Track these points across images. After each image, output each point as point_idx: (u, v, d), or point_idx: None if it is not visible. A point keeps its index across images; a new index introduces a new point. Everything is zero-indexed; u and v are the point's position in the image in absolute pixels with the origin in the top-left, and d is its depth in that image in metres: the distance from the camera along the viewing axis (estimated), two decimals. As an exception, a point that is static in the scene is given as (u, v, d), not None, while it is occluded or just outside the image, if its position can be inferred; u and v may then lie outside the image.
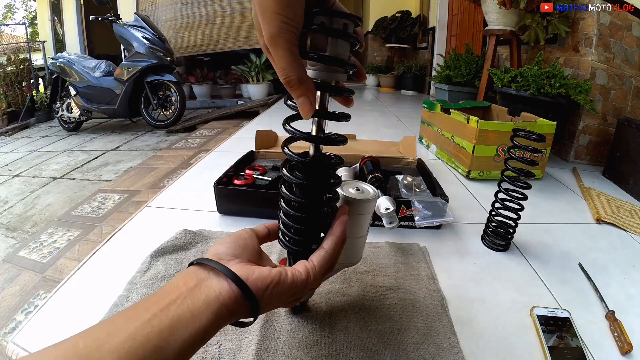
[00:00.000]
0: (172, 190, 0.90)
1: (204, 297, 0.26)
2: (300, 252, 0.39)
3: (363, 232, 0.40)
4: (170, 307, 0.25)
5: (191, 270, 0.29)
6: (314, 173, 0.35)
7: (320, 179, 0.35)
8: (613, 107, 1.27)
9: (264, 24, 0.27)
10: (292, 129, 0.33)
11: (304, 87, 0.28)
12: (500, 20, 1.57)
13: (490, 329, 0.46)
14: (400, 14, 4.33)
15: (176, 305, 0.25)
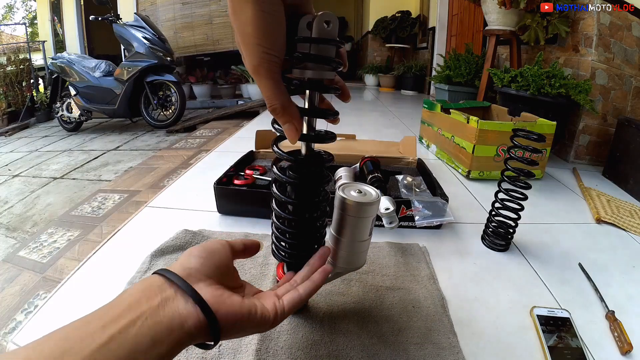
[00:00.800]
0: (172, 190, 0.90)
1: (168, 321, 0.24)
2: (294, 263, 0.39)
3: (365, 236, 0.40)
4: (129, 328, 0.23)
5: (155, 283, 0.27)
6: (307, 170, 0.35)
7: (313, 176, 0.35)
8: (613, 107, 1.27)
9: (246, 55, 0.27)
10: (280, 128, 0.33)
11: (289, 114, 0.29)
12: (500, 20, 1.57)
13: (490, 329, 0.46)
14: (400, 14, 4.33)
15: (136, 327, 0.23)
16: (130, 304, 0.25)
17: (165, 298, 0.26)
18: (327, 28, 0.29)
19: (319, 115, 0.33)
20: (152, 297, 0.25)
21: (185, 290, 0.26)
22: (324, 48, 0.30)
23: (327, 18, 0.28)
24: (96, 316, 0.24)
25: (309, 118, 0.33)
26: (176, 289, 0.26)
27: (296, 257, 0.39)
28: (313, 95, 0.33)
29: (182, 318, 0.25)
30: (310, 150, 0.35)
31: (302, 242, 0.39)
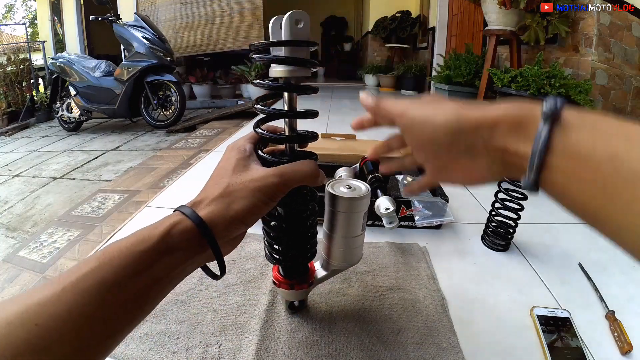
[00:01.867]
0: (172, 190, 0.90)
1: (157, 224, 0.26)
2: (288, 265, 0.39)
3: (358, 231, 0.40)
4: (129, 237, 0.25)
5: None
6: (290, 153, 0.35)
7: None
8: (613, 107, 1.27)
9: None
10: (263, 131, 0.33)
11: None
12: (500, 20, 1.57)
13: (490, 329, 0.46)
14: (400, 14, 4.33)
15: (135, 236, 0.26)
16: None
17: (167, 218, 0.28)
18: (298, 27, 0.28)
19: (299, 116, 0.33)
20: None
21: (185, 213, 0.27)
22: (296, 49, 0.30)
23: (297, 17, 0.28)
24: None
25: (289, 120, 0.33)
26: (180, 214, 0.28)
27: (289, 260, 0.40)
28: (292, 97, 0.32)
29: (171, 221, 0.26)
30: (293, 151, 0.34)
31: (292, 245, 0.39)
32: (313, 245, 0.41)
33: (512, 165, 0.24)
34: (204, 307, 0.47)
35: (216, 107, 4.08)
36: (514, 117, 0.23)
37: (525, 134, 0.23)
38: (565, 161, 0.21)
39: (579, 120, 0.21)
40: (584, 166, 0.20)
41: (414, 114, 0.28)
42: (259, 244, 0.63)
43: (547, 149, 0.21)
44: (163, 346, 0.41)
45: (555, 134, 0.21)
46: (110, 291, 0.22)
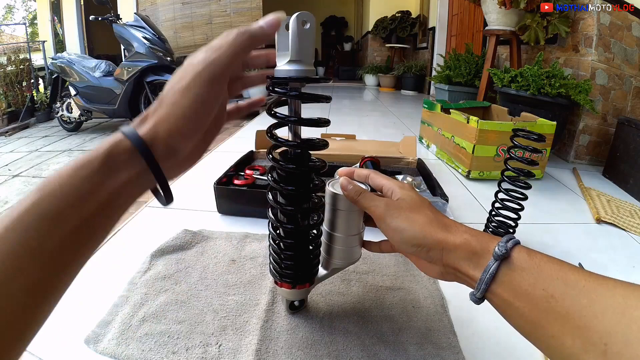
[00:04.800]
0: (172, 190, 0.90)
1: (101, 146, 0.24)
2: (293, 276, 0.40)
3: (356, 230, 0.40)
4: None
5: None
6: (300, 176, 0.36)
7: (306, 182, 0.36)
8: (613, 107, 1.27)
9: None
10: (275, 136, 0.35)
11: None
12: (500, 20, 1.57)
13: (490, 329, 0.46)
14: (400, 14, 4.33)
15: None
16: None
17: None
18: (305, 28, 0.29)
19: (307, 124, 0.33)
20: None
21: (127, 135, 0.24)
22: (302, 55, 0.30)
23: (304, 18, 0.29)
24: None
25: (294, 127, 0.34)
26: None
27: (294, 269, 0.40)
28: (297, 105, 0.33)
29: (111, 142, 0.24)
30: (302, 157, 0.35)
31: (299, 258, 0.39)
32: (317, 256, 0.42)
33: (462, 280, 0.30)
34: (204, 307, 0.47)
35: (216, 107, 4.08)
36: (471, 248, 0.29)
37: (477, 263, 0.28)
38: (506, 292, 0.26)
39: (526, 263, 0.26)
40: (522, 299, 0.25)
41: (390, 223, 0.33)
42: (259, 244, 0.63)
43: (493, 280, 0.27)
44: (163, 346, 0.41)
45: (501, 271, 0.27)
46: (54, 223, 0.21)
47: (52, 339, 0.42)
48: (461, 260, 0.29)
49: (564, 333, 0.22)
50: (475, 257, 0.28)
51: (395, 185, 0.36)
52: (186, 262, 0.56)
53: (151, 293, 0.49)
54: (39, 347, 0.41)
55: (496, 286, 0.27)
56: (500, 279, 0.26)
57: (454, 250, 0.30)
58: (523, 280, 0.25)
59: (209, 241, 0.63)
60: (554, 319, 0.23)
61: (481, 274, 0.27)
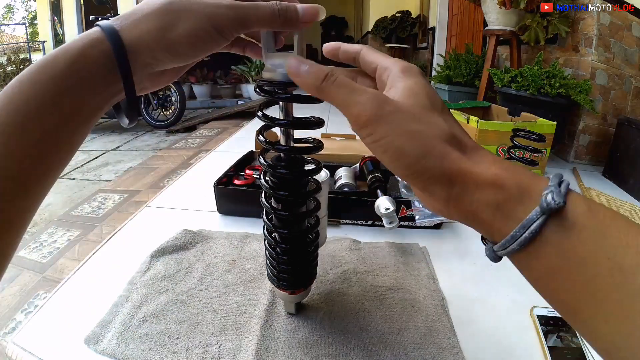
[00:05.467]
0: (172, 190, 0.90)
1: (73, 43, 0.21)
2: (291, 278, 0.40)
3: (323, 213, 0.40)
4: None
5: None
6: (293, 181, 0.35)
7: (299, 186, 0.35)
8: (613, 107, 1.27)
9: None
10: (264, 139, 0.33)
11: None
12: (500, 20, 1.57)
13: (490, 329, 0.46)
14: (400, 14, 4.34)
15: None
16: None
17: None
18: None
19: (300, 126, 0.30)
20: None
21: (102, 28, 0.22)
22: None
23: None
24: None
25: (286, 130, 0.31)
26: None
27: (291, 265, 0.40)
28: (289, 107, 0.31)
29: (86, 41, 0.21)
30: (293, 160, 0.34)
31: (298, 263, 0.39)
32: (313, 241, 0.41)
33: (477, 226, 0.21)
34: (204, 307, 0.47)
35: (216, 107, 4.08)
36: (504, 189, 0.19)
37: (508, 213, 0.19)
38: (551, 257, 0.18)
39: (586, 220, 0.18)
40: (575, 269, 0.18)
41: (379, 137, 0.20)
42: (259, 243, 0.63)
43: (532, 240, 0.18)
44: (163, 346, 0.41)
45: (549, 227, 0.18)
46: (13, 137, 0.19)
47: (52, 339, 0.42)
48: (485, 205, 0.20)
49: (628, 319, 0.17)
50: (508, 205, 0.19)
51: (394, 66, 0.23)
52: (186, 262, 0.56)
53: (151, 293, 0.49)
54: (39, 347, 0.41)
55: (536, 248, 0.19)
56: (544, 238, 0.18)
57: (476, 189, 0.20)
58: (580, 243, 0.18)
59: (209, 241, 0.63)
60: (618, 299, 0.17)
61: (515, 230, 0.19)
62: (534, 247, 0.19)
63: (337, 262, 0.57)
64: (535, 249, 0.19)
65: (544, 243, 0.18)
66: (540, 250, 0.18)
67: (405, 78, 0.22)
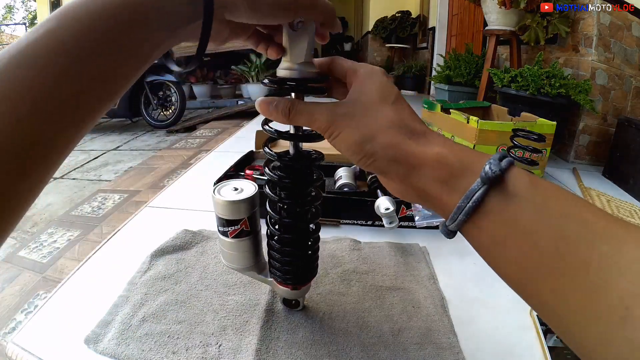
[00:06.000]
0: (172, 190, 0.90)
1: None
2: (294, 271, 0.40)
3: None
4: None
5: None
6: (298, 169, 0.35)
7: (302, 174, 0.35)
8: (613, 107, 1.27)
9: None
10: (271, 129, 0.33)
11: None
12: (500, 20, 1.57)
13: (490, 329, 0.46)
14: (400, 14, 4.33)
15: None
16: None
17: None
18: (297, 28, 0.28)
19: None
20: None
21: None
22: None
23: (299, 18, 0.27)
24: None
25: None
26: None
27: (293, 266, 0.40)
28: (299, 97, 0.32)
29: None
30: (298, 150, 0.35)
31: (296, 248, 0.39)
32: (315, 243, 0.42)
33: (431, 204, 0.23)
34: (204, 307, 0.47)
35: (216, 107, 4.08)
36: (447, 165, 0.21)
37: (454, 186, 0.21)
38: (495, 227, 0.19)
39: (527, 191, 0.19)
40: (518, 238, 0.19)
41: (336, 136, 0.24)
42: (259, 244, 0.63)
43: (477, 209, 0.20)
44: (163, 346, 0.41)
45: (491, 198, 0.19)
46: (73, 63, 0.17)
47: (52, 339, 0.42)
48: (431, 181, 0.22)
49: (572, 288, 0.17)
50: (452, 179, 0.21)
51: (358, 68, 0.27)
52: (186, 262, 0.56)
53: (151, 293, 0.49)
54: (39, 347, 0.41)
55: (481, 218, 0.20)
56: (487, 208, 0.20)
57: (420, 167, 0.22)
58: (522, 212, 0.19)
59: (209, 241, 0.63)
60: (560, 269, 0.17)
61: (460, 201, 0.20)
62: (478, 217, 0.20)
63: (337, 262, 0.57)
64: (480, 219, 0.20)
65: (487, 213, 0.20)
66: (484, 220, 0.20)
67: (363, 78, 0.26)
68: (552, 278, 0.17)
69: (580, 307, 0.16)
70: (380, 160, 0.23)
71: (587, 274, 0.16)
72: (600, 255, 0.16)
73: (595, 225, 0.17)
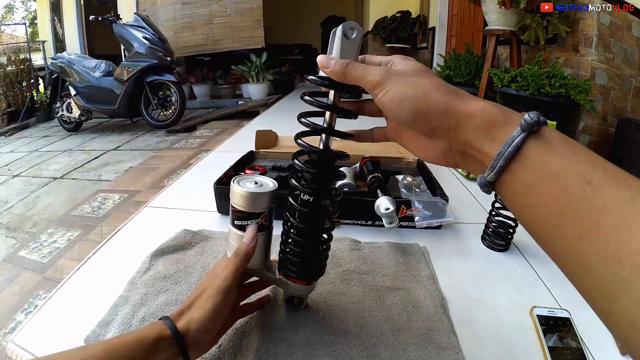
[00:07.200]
0: (172, 190, 0.90)
1: (149, 330, 0.33)
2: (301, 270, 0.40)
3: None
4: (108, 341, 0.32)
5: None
6: (325, 163, 0.37)
7: (332, 169, 0.37)
8: (613, 107, 1.27)
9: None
10: (308, 121, 0.35)
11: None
12: (500, 20, 1.57)
13: (490, 329, 0.46)
14: (400, 14, 4.33)
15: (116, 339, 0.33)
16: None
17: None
18: (350, 38, 0.31)
19: (340, 112, 0.35)
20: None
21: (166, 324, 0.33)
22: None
23: (351, 26, 0.31)
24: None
25: (330, 114, 0.35)
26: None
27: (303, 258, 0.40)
28: (336, 96, 0.34)
29: (157, 331, 0.32)
30: (327, 148, 0.36)
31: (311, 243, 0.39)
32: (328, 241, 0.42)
33: (471, 159, 0.25)
34: (204, 307, 0.47)
35: (216, 107, 4.08)
36: (490, 117, 0.24)
37: (494, 136, 0.23)
38: (530, 173, 0.21)
39: (558, 142, 0.21)
40: (549, 183, 0.20)
41: (389, 89, 0.27)
42: (259, 244, 0.63)
43: (515, 157, 0.22)
44: (163, 346, 0.41)
45: (528, 145, 0.21)
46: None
47: (52, 339, 0.42)
48: (475, 131, 0.24)
49: (595, 232, 0.18)
50: (495, 129, 0.23)
51: (395, 57, 0.30)
52: (186, 262, 0.56)
53: (151, 293, 0.49)
54: (39, 347, 0.41)
55: (517, 165, 0.22)
56: (524, 154, 0.21)
57: (467, 118, 0.24)
58: (554, 159, 0.20)
59: (209, 241, 0.63)
60: (587, 212, 0.18)
61: (501, 147, 0.22)
62: (515, 164, 0.22)
63: (337, 262, 0.57)
64: (516, 166, 0.22)
65: (522, 160, 0.21)
66: (520, 167, 0.21)
67: (404, 61, 0.29)
68: (578, 221, 0.18)
69: (602, 250, 0.17)
70: (431, 113, 0.25)
71: (610, 217, 0.17)
72: (623, 200, 0.17)
73: (617, 174, 0.19)
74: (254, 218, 0.40)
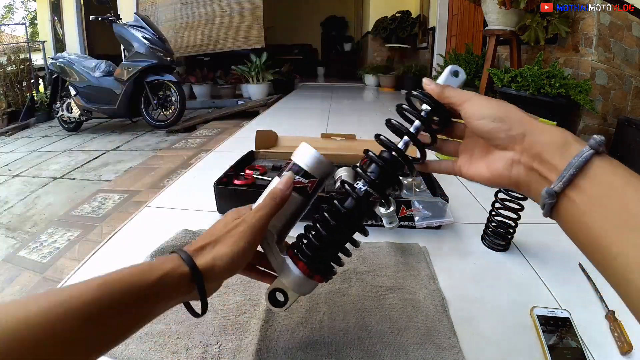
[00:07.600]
0: (172, 190, 0.90)
1: (160, 264, 0.30)
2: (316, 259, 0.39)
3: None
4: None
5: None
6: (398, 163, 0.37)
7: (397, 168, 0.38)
8: (613, 107, 1.27)
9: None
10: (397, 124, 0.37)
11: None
12: (500, 20, 1.57)
13: (491, 329, 0.46)
14: (400, 14, 4.34)
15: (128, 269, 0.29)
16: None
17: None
18: (456, 78, 0.35)
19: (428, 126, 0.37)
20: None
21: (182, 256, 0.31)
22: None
23: (455, 69, 0.35)
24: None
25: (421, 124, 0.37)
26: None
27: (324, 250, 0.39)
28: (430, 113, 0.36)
29: (170, 266, 0.30)
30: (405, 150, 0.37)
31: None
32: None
33: (535, 176, 0.27)
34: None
35: (216, 107, 4.08)
36: (563, 133, 0.26)
37: (565, 151, 0.25)
38: (594, 186, 0.23)
39: (619, 163, 0.24)
40: (614, 195, 0.22)
41: (475, 102, 0.31)
42: (259, 244, 0.63)
43: (582, 169, 0.24)
44: (163, 346, 0.41)
45: (595, 161, 0.24)
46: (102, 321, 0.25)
47: (52, 339, 0.42)
48: (549, 145, 0.26)
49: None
50: (567, 145, 0.25)
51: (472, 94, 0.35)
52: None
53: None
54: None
55: (583, 179, 0.24)
56: (592, 170, 0.24)
57: (541, 132, 0.27)
58: (616, 175, 0.23)
59: (209, 241, 0.63)
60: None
61: (573, 159, 0.24)
62: (582, 177, 0.24)
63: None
64: (583, 179, 0.24)
65: (588, 176, 0.23)
66: (586, 181, 0.23)
67: (474, 95, 0.33)
68: (638, 232, 0.20)
69: None
70: (511, 120, 0.29)
71: None
72: None
73: None
74: (306, 177, 0.39)
